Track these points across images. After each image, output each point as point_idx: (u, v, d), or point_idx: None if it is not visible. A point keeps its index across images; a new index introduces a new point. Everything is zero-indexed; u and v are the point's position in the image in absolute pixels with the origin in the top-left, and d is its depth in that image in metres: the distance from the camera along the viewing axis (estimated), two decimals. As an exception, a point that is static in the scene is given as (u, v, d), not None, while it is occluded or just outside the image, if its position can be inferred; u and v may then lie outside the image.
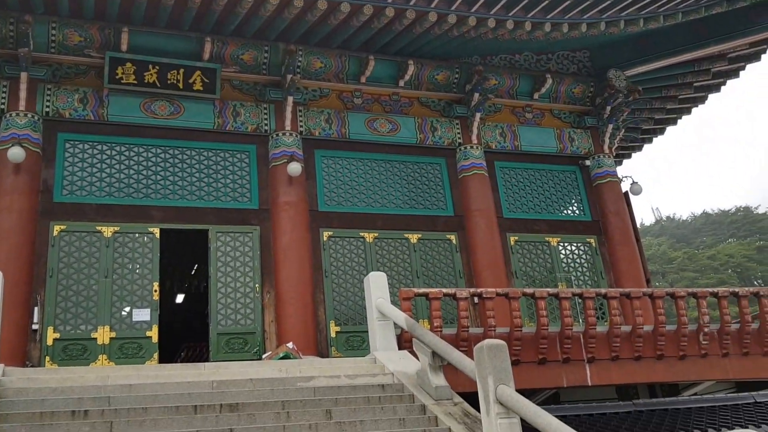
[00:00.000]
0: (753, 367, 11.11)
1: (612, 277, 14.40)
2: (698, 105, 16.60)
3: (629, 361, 10.46)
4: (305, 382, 8.02)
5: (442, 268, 13.55)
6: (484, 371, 6.36)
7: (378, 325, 9.80)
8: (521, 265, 14.08)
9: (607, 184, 15.21)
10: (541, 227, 14.55)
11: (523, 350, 10.06)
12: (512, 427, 6.14)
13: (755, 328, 11.17)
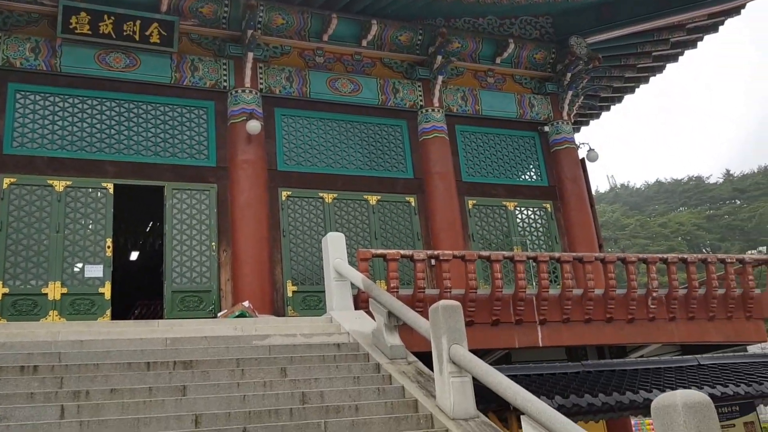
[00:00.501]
0: (698, 332, 11.53)
1: (566, 242, 14.68)
2: (656, 74, 16.85)
3: (580, 323, 10.74)
4: (260, 340, 8.04)
5: (400, 230, 13.62)
6: (438, 331, 6.46)
7: (335, 285, 9.85)
8: (478, 229, 14.24)
9: (564, 150, 15.39)
10: (499, 191, 14.70)
11: (478, 312, 10.24)
12: (464, 386, 6.28)
13: (702, 293, 11.55)
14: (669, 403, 3.60)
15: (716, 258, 11.75)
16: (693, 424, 3.48)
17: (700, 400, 3.58)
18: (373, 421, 6.13)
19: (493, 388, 5.69)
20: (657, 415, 3.67)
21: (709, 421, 3.54)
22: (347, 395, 6.66)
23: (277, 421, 6.00)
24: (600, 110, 18.32)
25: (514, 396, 5.32)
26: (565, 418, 4.74)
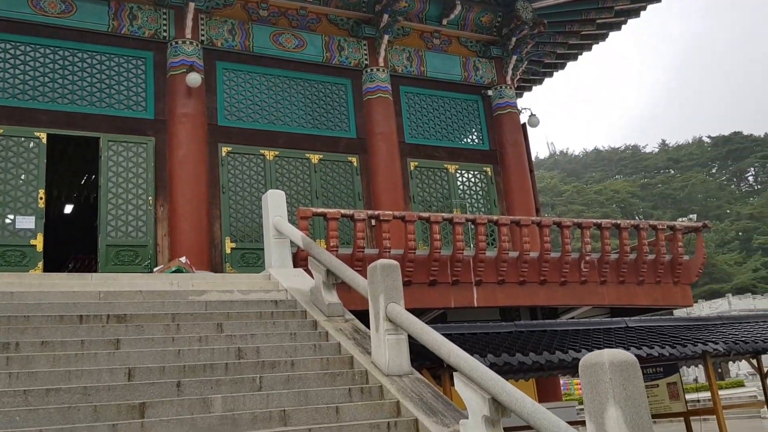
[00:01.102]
0: (627, 295, 11.99)
1: (504, 206, 14.93)
2: (599, 42, 17.07)
3: (514, 285, 11.02)
4: (197, 296, 7.95)
5: (341, 189, 13.59)
6: (376, 290, 6.52)
7: (274, 242, 9.79)
8: (419, 191, 14.33)
9: (506, 115, 15.54)
10: (441, 154, 14.79)
11: (416, 272, 10.37)
12: (399, 343, 6.38)
13: (632, 259, 11.98)
14: (596, 362, 3.70)
15: (648, 224, 12.18)
16: (618, 381, 3.59)
17: (626, 359, 3.70)
18: (309, 377, 6.18)
19: (428, 346, 5.79)
20: (584, 372, 3.77)
21: (634, 379, 3.66)
22: (283, 351, 6.68)
23: (212, 375, 5.98)
24: (543, 76, 18.52)
25: (447, 353, 5.43)
26: (496, 375, 4.87)
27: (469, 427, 5.00)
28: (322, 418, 5.52)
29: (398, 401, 5.83)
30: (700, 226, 12.64)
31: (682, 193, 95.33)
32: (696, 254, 12.71)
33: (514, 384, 4.88)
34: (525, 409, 4.39)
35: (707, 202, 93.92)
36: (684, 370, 40.77)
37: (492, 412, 4.76)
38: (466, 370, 5.00)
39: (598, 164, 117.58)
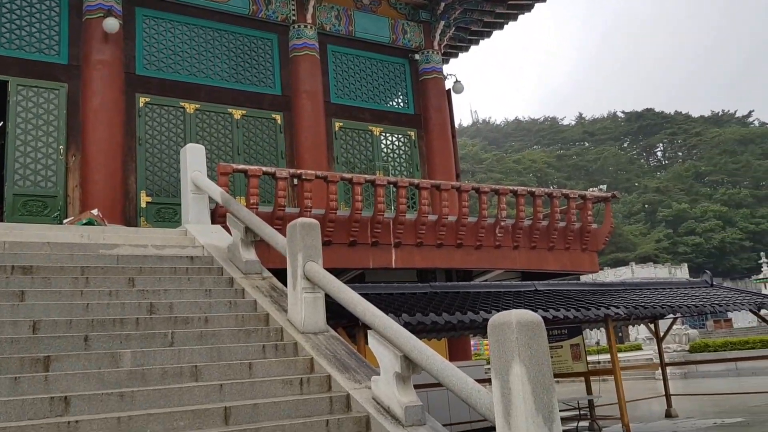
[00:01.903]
0: (538, 260, 12.43)
1: (426, 170, 15.09)
2: (524, 13, 17.24)
3: (432, 247, 11.23)
4: (108, 249, 7.73)
5: (264, 147, 13.38)
6: (294, 248, 6.52)
7: (192, 198, 9.60)
8: (343, 151, 14.29)
9: (432, 80, 15.61)
10: (366, 116, 14.74)
11: (336, 232, 10.40)
12: (316, 301, 6.43)
13: (544, 225, 12.39)
14: (504, 321, 3.80)
15: (561, 193, 12.60)
16: (524, 340, 3.71)
17: (533, 319, 3.82)
18: (223, 333, 6.15)
19: (344, 305, 5.87)
20: (492, 332, 3.89)
21: (539, 339, 3.78)
22: (197, 307, 6.61)
23: (122, 330, 5.87)
24: (469, 44, 18.62)
25: (363, 312, 5.52)
26: (409, 333, 4.99)
27: (380, 383, 5.13)
28: (235, 374, 5.53)
29: (312, 358, 5.90)
30: (609, 197, 13.18)
31: (594, 165, 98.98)
32: (604, 223, 13.27)
33: (426, 343, 5.01)
34: (435, 367, 4.53)
35: (618, 174, 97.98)
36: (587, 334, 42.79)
37: (403, 369, 4.89)
38: (380, 329, 5.11)
39: (518, 134, 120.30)
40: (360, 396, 5.23)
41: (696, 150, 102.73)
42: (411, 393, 4.99)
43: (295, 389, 5.47)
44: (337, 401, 5.28)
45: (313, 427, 4.88)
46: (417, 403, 4.92)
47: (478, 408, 4.12)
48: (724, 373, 24.71)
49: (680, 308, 11.74)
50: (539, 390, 3.64)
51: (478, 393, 4.14)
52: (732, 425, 12.03)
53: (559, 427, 3.68)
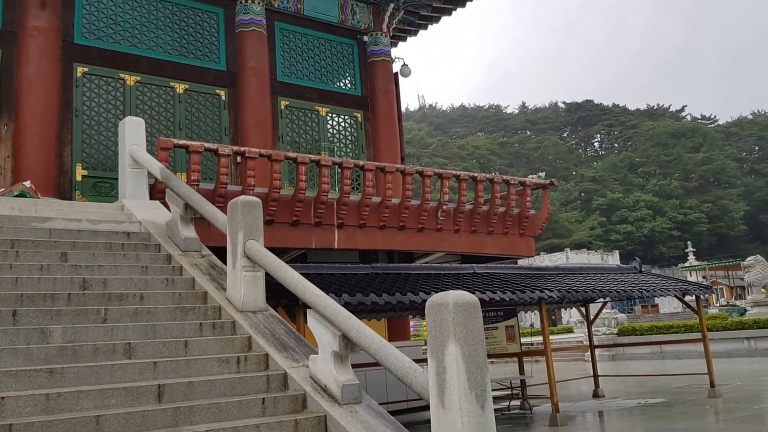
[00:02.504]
0: (478, 243, 12.66)
1: (371, 152, 15.11)
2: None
3: (374, 229, 11.29)
4: (41, 222, 7.49)
5: (207, 123, 13.14)
6: (235, 226, 6.46)
7: (130, 172, 9.38)
8: (288, 131, 14.16)
9: (380, 62, 15.59)
10: (313, 96, 14.63)
11: (279, 211, 10.34)
12: (256, 280, 6.40)
13: (485, 210, 12.61)
14: (442, 302, 3.87)
15: (502, 179, 12.82)
16: (460, 321, 3.78)
17: (469, 300, 3.90)
18: (158, 311, 6.06)
19: (284, 284, 5.86)
20: (430, 312, 3.95)
21: (475, 320, 3.86)
22: (133, 284, 6.49)
23: (53, 305, 5.72)
24: (418, 28, 18.66)
25: (303, 291, 5.52)
26: (348, 312, 5.03)
27: (318, 361, 5.16)
28: (170, 352, 5.47)
29: (250, 337, 5.88)
30: (547, 184, 13.49)
31: (535, 154, 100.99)
32: (542, 209, 13.59)
33: (366, 323, 5.07)
34: (373, 346, 4.59)
35: (557, 163, 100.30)
36: (522, 316, 43.78)
37: (341, 348, 4.93)
38: (320, 308, 5.13)
39: (463, 120, 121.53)
40: (297, 375, 5.26)
41: (631, 142, 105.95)
42: (348, 372, 5.04)
43: (231, 368, 5.45)
44: (274, 380, 5.29)
45: (248, 405, 4.88)
46: (354, 381, 4.97)
47: (413, 387, 4.20)
48: (650, 356, 25.75)
49: (610, 293, 12.16)
50: (473, 369, 3.71)
51: (414, 372, 4.21)
52: (654, 405, 12.59)
53: (490, 405, 3.76)
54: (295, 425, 4.71)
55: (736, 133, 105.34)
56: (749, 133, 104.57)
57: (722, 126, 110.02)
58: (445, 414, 3.69)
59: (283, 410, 4.95)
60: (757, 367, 19.49)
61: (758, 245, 74.65)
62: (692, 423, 10.26)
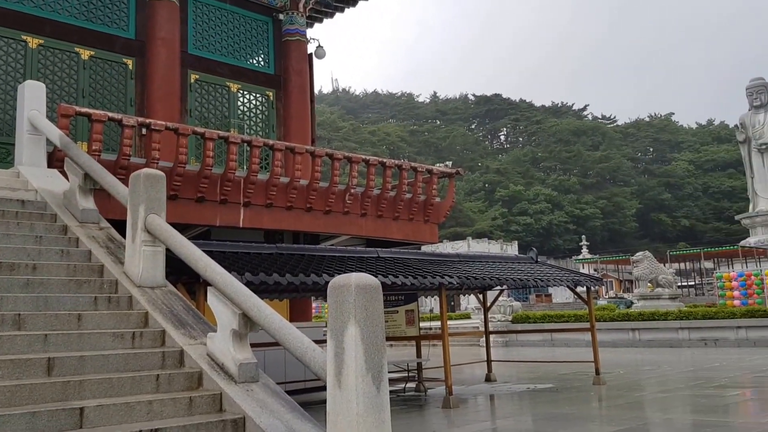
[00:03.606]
0: (383, 228, 12.86)
1: (282, 132, 15.00)
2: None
3: (281, 209, 11.27)
4: (-76, 186, 7.05)
5: (112, 92, 12.65)
6: (137, 199, 6.32)
7: (28, 138, 8.95)
8: (197, 105, 13.84)
9: (295, 42, 15.45)
10: (224, 71, 14.35)
11: (184, 187, 10.14)
12: (155, 255, 6.29)
13: (392, 195, 12.82)
14: (344, 284, 3.93)
15: (410, 166, 13.07)
16: (361, 303, 3.85)
17: (371, 283, 3.97)
18: (52, 282, 5.87)
19: (185, 260, 5.79)
20: (332, 293, 4.00)
21: (375, 302, 3.95)
22: (25, 254, 6.24)
23: (-63, 273, 5.43)
24: (335, 10, 18.60)
25: (204, 268, 5.49)
26: (249, 291, 5.05)
27: (216, 339, 5.16)
28: (62, 325, 5.32)
29: (147, 312, 5.80)
30: (453, 173, 13.86)
31: (444, 143, 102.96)
32: (446, 198, 13.95)
33: (268, 303, 5.10)
34: (273, 325, 4.64)
35: (464, 154, 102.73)
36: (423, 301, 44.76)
37: (241, 327, 4.95)
38: (221, 285, 5.12)
39: (375, 106, 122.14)
40: (194, 352, 5.24)
41: (535, 137, 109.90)
42: (247, 350, 5.06)
43: (126, 343, 5.36)
44: (170, 356, 5.25)
45: (142, 381, 4.83)
46: (252, 360, 5.00)
47: (311, 366, 4.28)
48: (541, 343, 26.99)
49: (506, 281, 12.67)
50: (371, 351, 3.80)
51: (313, 352, 4.29)
52: (543, 391, 13.26)
53: (386, 386, 3.86)
54: (189, 402, 4.70)
55: (633, 134, 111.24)
56: (645, 135, 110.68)
57: (621, 126, 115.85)
58: (341, 394, 3.77)
59: (177, 387, 4.93)
60: (639, 357, 20.81)
61: (647, 242, 79.38)
62: (577, 408, 10.89)
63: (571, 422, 9.31)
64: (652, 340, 24.71)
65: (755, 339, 22.51)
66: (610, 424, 9.08)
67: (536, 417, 10.23)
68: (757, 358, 18.40)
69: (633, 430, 8.51)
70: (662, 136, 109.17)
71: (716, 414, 9.68)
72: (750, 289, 25.24)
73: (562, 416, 9.94)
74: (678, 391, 12.40)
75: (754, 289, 25.17)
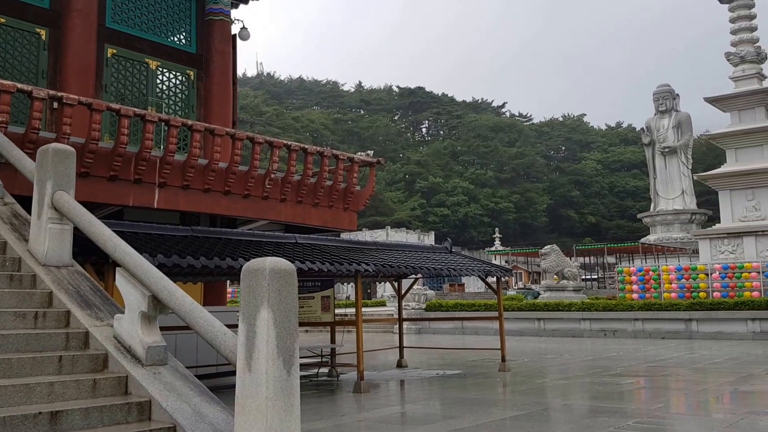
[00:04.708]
0: (302, 214, 12.85)
1: (202, 113, 14.69)
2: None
3: (199, 191, 11.08)
4: None
5: (23, 63, 12.06)
6: (44, 175, 6.11)
7: (-76, 105, 8.42)
8: (114, 81, 13.36)
9: (219, 21, 15.14)
10: (144, 47, 13.90)
11: (96, 164, 9.82)
12: (63, 234, 6.10)
13: (313, 182, 12.82)
14: (258, 267, 3.91)
15: (331, 153, 13.10)
16: (275, 287, 3.85)
17: (286, 267, 3.97)
18: (-51, 258, 5.60)
19: (94, 239, 5.65)
20: (245, 277, 3.97)
21: (290, 286, 3.93)
22: None
23: None
24: (261, -9, 18.33)
25: (113, 248, 5.37)
26: (160, 273, 4.97)
27: (124, 321, 5.07)
28: (-41, 304, 5.10)
29: (51, 292, 5.63)
30: (375, 162, 13.98)
31: (367, 133, 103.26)
32: (367, 186, 14.08)
33: (181, 286, 5.05)
34: (183, 308, 4.59)
35: (386, 144, 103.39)
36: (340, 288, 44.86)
37: (150, 309, 4.88)
38: (130, 266, 5.04)
39: (300, 92, 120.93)
40: (100, 334, 5.13)
41: (455, 131, 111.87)
42: (155, 333, 5.00)
43: (28, 323, 5.19)
44: (74, 338, 5.12)
45: (43, 362, 4.70)
46: (160, 343, 4.94)
47: (222, 350, 4.26)
48: (452, 331, 27.67)
49: (422, 269, 12.94)
50: (284, 335, 3.81)
51: (224, 336, 4.29)
52: (451, 376, 13.65)
53: (297, 370, 3.88)
54: (93, 385, 4.62)
55: (548, 133, 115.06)
56: (558, 134, 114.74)
57: (536, 125, 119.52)
58: (251, 377, 3.76)
59: (81, 369, 4.83)
60: (544, 345, 21.68)
61: (556, 236, 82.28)
62: (482, 394, 11.30)
63: (477, 407, 9.66)
64: (556, 329, 25.76)
65: (650, 331, 23.87)
66: (513, 409, 9.48)
67: (444, 402, 10.54)
68: (651, 348, 19.53)
69: (533, 415, 8.92)
70: (574, 136, 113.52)
71: (611, 400, 10.25)
72: (648, 284, 26.62)
73: (469, 401, 10.29)
74: (577, 378, 13.03)
75: (652, 284, 26.55)
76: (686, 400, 10.32)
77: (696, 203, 52.25)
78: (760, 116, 29.44)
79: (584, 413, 9.30)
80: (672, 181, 52.43)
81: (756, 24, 31.10)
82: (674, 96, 55.18)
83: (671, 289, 26.08)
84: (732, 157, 29.62)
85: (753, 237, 27.67)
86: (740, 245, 27.93)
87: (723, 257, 27.80)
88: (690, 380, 12.46)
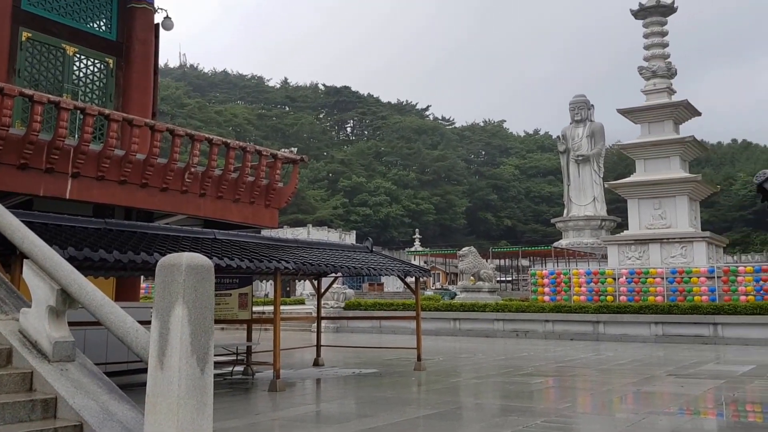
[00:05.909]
0: (222, 210, 12.68)
1: (121, 103, 14.24)
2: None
3: (114, 183, 10.77)
4: None
5: (-76, 40, 11.35)
6: (-53, 160, 5.81)
7: None
8: (28, 66, 12.77)
9: (141, 9, 14.72)
10: (61, 32, 13.34)
11: (5, 151, 9.44)
12: (-33, 223, 5.83)
13: (234, 177, 12.66)
14: (174, 263, 3.83)
15: (254, 149, 12.98)
16: (191, 284, 3.78)
17: (203, 263, 3.90)
18: None
19: (0, 230, 5.44)
20: (160, 272, 3.88)
21: (206, 283, 3.87)
22: None
23: None
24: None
25: (21, 240, 5.20)
26: (70, 266, 4.84)
27: (30, 315, 4.92)
28: None
29: (-48, 285, 5.38)
30: (298, 160, 13.94)
31: (291, 130, 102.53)
32: (289, 183, 14.02)
33: (93, 281, 4.94)
34: (94, 303, 4.49)
35: (310, 141, 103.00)
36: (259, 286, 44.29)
37: (58, 303, 4.76)
38: (39, 259, 4.89)
39: (224, 86, 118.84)
40: (4, 328, 4.95)
41: (380, 132, 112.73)
42: (64, 328, 4.87)
43: (-73, 316, 4.95)
44: (-23, 332, 4.92)
45: (-57, 358, 4.50)
46: (68, 339, 4.82)
47: (133, 347, 4.19)
48: (370, 330, 27.85)
49: (342, 268, 13.00)
50: (198, 332, 3.75)
51: (136, 332, 4.22)
52: (367, 375, 13.78)
53: (211, 368, 3.83)
54: (-5, 381, 4.46)
55: (469, 137, 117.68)
56: (479, 138, 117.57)
57: (458, 129, 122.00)
58: (163, 375, 3.69)
59: (-17, 364, 4.65)
60: (459, 345, 22.14)
61: (474, 238, 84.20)
62: (397, 392, 11.47)
63: (391, 405, 9.81)
64: (471, 329, 26.36)
65: (560, 332, 24.78)
66: (426, 408, 9.68)
67: (359, 400, 10.65)
68: (560, 349, 20.30)
69: (446, 414, 9.14)
70: (494, 141, 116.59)
71: (522, 399, 10.62)
72: (559, 287, 27.61)
73: (384, 400, 10.43)
74: (490, 377, 13.42)
75: (563, 287, 27.56)
76: (592, 400, 10.80)
77: (606, 210, 54.67)
78: (668, 129, 31.04)
79: (495, 412, 9.60)
80: (584, 188, 54.66)
81: (667, 40, 32.72)
82: (589, 106, 57.54)
83: (581, 293, 27.14)
84: (641, 167, 31.10)
85: (658, 244, 29.18)
86: (646, 252, 29.38)
87: (630, 263, 29.16)
88: (596, 380, 13.03)
